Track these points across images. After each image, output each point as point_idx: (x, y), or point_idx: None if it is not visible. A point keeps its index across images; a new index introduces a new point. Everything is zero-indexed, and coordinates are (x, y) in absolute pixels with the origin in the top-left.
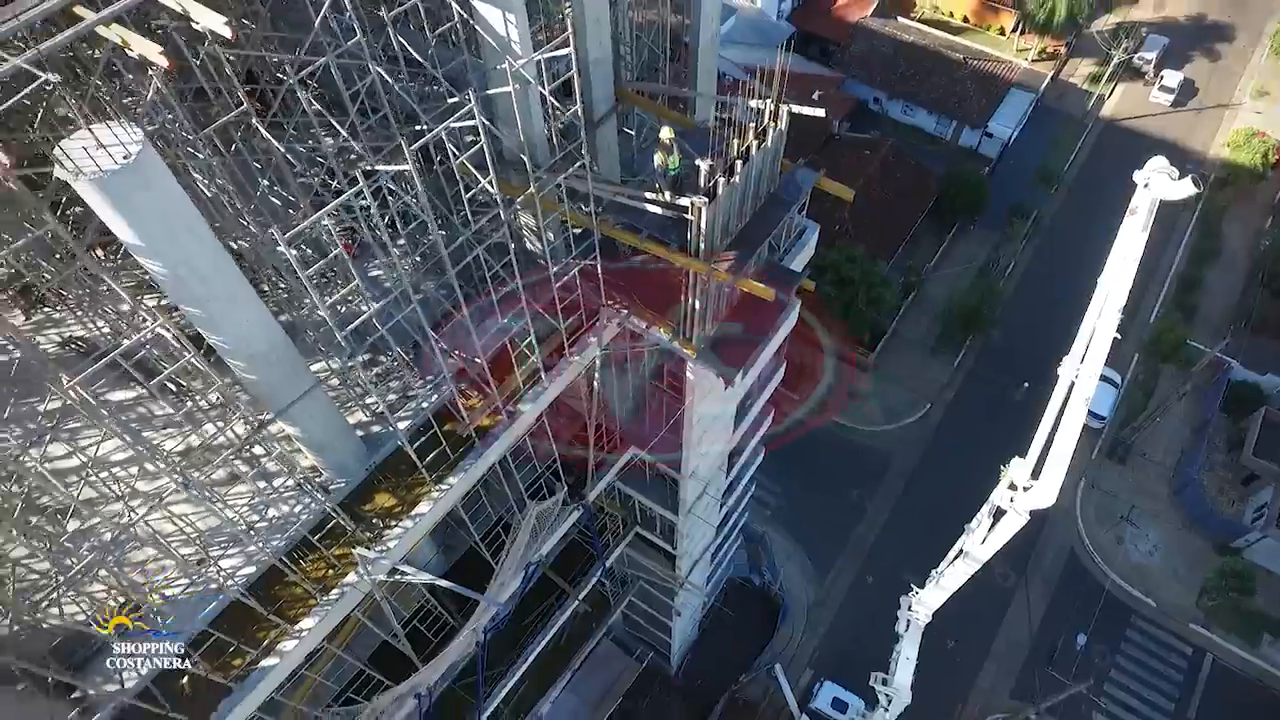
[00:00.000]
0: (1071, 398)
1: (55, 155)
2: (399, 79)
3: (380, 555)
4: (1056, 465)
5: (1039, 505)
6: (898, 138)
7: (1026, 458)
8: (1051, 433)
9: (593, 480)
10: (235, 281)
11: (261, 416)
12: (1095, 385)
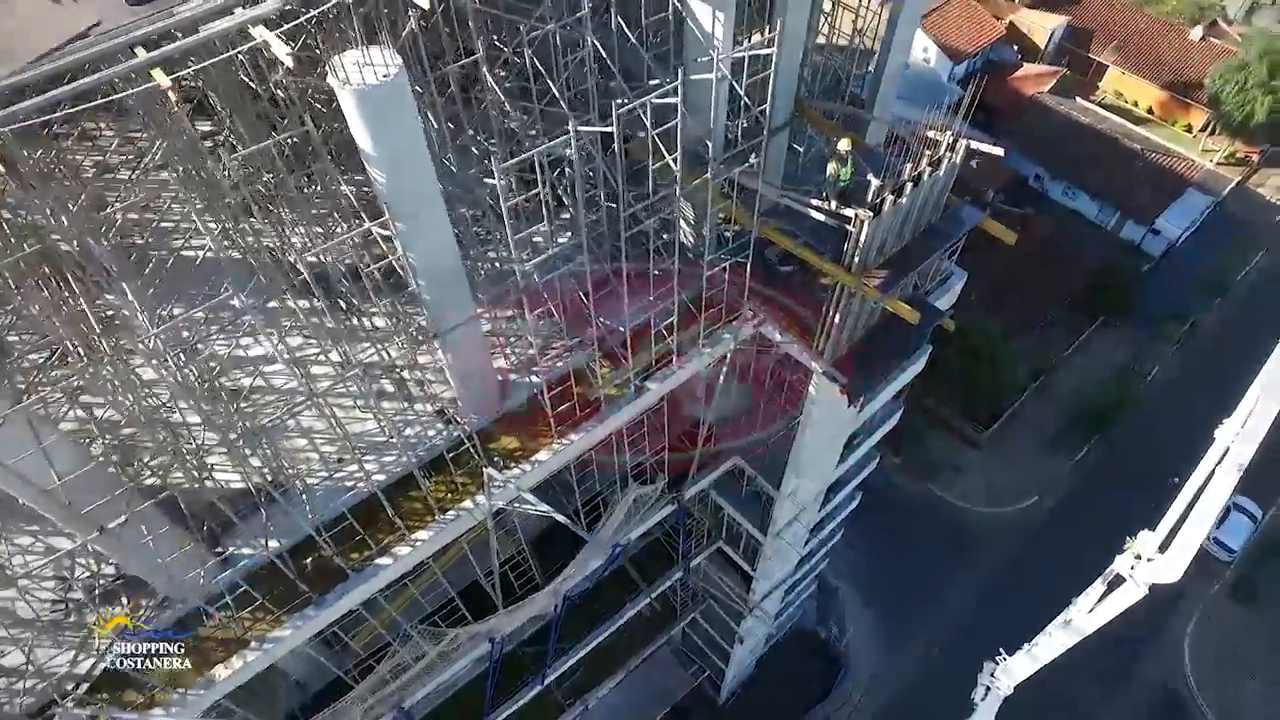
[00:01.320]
0: (1222, 465)
1: (331, 65)
2: (601, 59)
3: (507, 481)
4: (1190, 538)
5: (1163, 579)
6: (1054, 218)
7: (1157, 531)
8: (1189, 506)
9: (692, 479)
10: (438, 205)
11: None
12: (1249, 455)
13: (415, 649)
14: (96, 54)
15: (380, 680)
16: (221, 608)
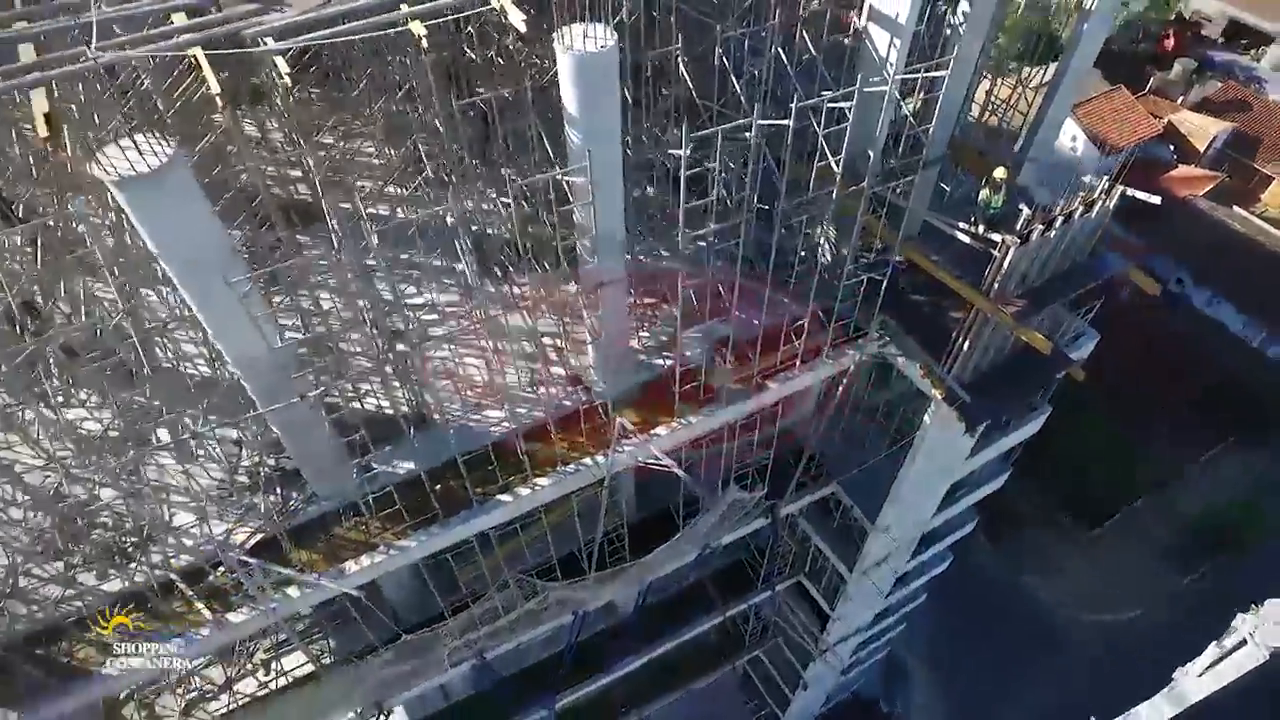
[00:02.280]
0: None
1: (559, 32)
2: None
3: (633, 446)
4: None
5: None
6: (1192, 326)
7: None
8: None
9: (790, 495)
10: (618, 173)
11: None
12: None
13: (510, 598)
14: (360, 8)
15: (471, 621)
16: (356, 513)
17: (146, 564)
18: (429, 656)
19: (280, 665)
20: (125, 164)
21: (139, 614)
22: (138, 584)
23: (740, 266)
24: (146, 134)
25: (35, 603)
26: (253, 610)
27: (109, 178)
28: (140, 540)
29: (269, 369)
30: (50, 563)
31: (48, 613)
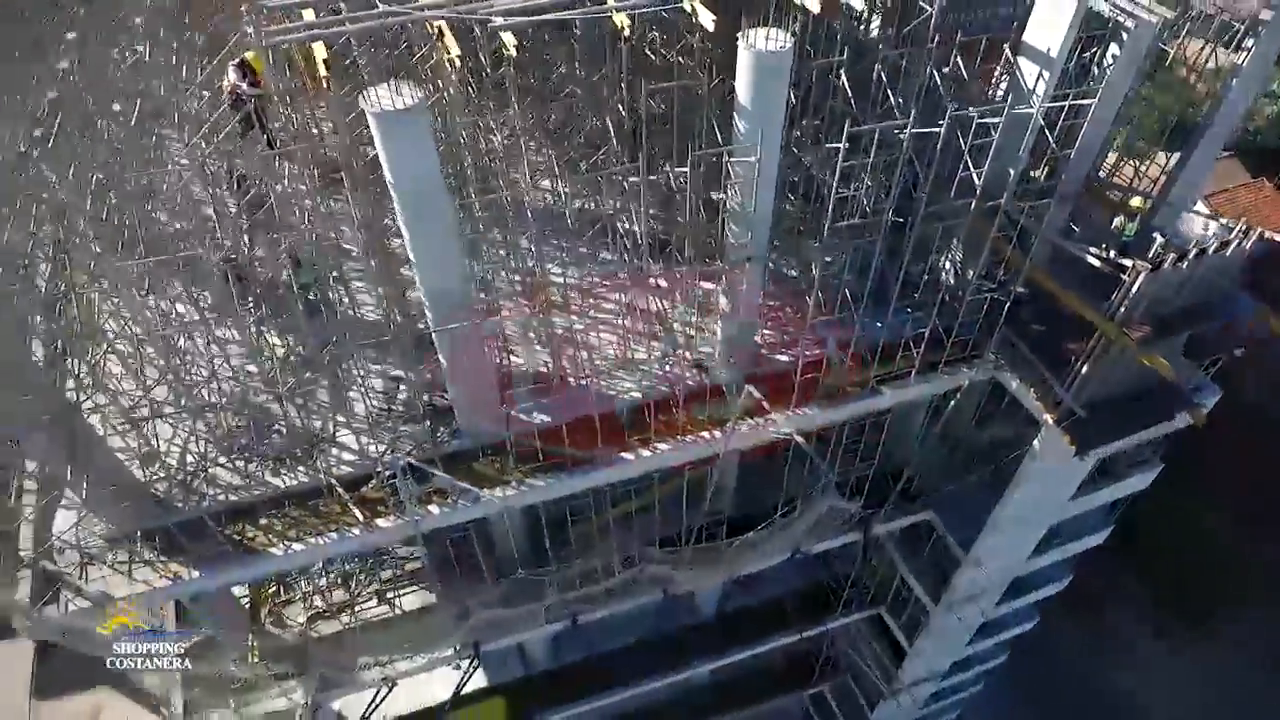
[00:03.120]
0: None
1: (743, 32)
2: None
3: (746, 427)
4: None
5: None
6: None
7: None
8: None
9: (884, 515)
10: (775, 164)
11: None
12: None
13: (608, 553)
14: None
15: (571, 580)
16: (494, 453)
17: (312, 468)
18: (530, 607)
19: (393, 601)
20: (386, 102)
21: (297, 512)
22: (303, 484)
23: (869, 276)
24: (399, 82)
25: (221, 488)
26: (398, 520)
27: (372, 110)
28: (308, 449)
29: (457, 302)
30: (236, 457)
31: (230, 497)
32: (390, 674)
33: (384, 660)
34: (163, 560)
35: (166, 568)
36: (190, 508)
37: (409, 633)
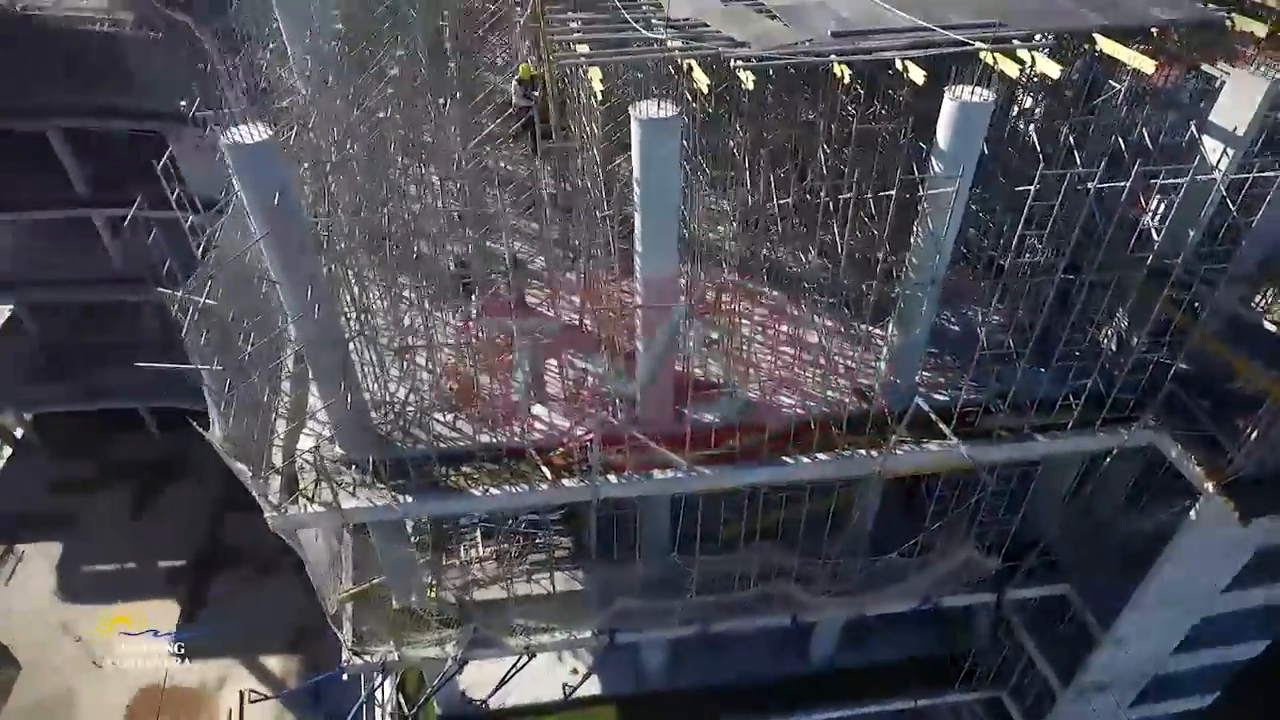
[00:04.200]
0: None
1: (950, 88)
2: None
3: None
4: None
5: None
6: None
7: None
8: None
9: (1019, 581)
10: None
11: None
12: None
13: (747, 563)
14: (805, 51)
15: (709, 582)
16: None
17: (509, 432)
18: (667, 603)
19: (539, 581)
20: (649, 113)
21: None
22: (501, 444)
23: (1031, 327)
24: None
25: (434, 436)
26: (580, 483)
27: (638, 117)
28: (509, 414)
29: (669, 292)
30: (447, 414)
31: (439, 445)
32: (533, 644)
33: (531, 627)
34: (380, 485)
35: (383, 491)
36: (406, 448)
37: (554, 609)
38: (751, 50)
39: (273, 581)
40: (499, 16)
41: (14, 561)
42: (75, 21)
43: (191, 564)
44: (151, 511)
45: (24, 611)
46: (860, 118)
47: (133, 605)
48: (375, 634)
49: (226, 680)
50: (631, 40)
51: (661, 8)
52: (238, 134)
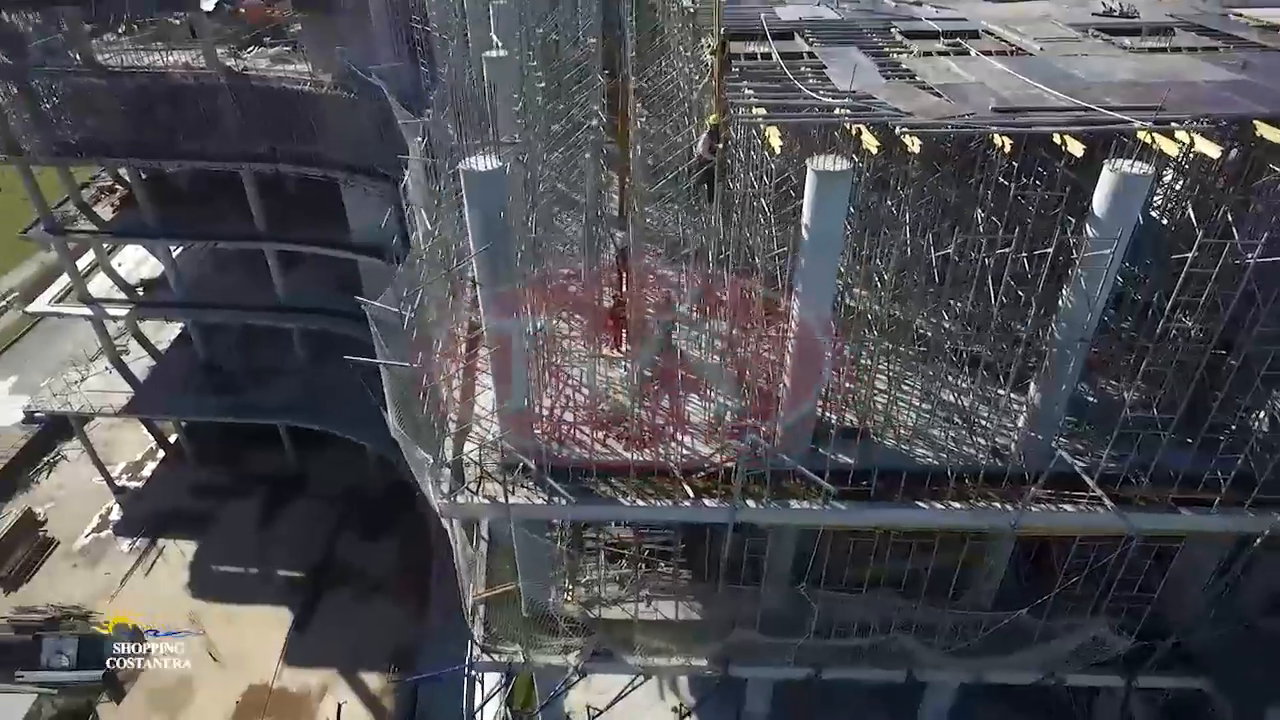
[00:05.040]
0: None
1: (1110, 162)
2: None
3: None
4: None
5: None
6: None
7: None
8: None
9: (1153, 664)
10: None
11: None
12: None
13: (869, 609)
14: (970, 122)
15: (829, 623)
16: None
17: (655, 452)
18: (784, 641)
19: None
20: (827, 165)
21: (639, 481)
22: (649, 462)
23: (1179, 400)
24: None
25: (584, 449)
26: (719, 504)
27: (816, 167)
28: (657, 438)
29: (820, 336)
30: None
31: (588, 457)
32: (650, 665)
33: (651, 647)
34: (533, 487)
35: (536, 493)
36: (563, 457)
37: (674, 634)
38: (917, 119)
39: (378, 602)
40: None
41: (156, 554)
42: (284, 81)
43: (307, 576)
44: (276, 522)
45: (159, 600)
46: (1017, 187)
47: (250, 608)
48: (505, 634)
49: (327, 690)
50: (803, 106)
51: (829, 80)
52: (474, 163)
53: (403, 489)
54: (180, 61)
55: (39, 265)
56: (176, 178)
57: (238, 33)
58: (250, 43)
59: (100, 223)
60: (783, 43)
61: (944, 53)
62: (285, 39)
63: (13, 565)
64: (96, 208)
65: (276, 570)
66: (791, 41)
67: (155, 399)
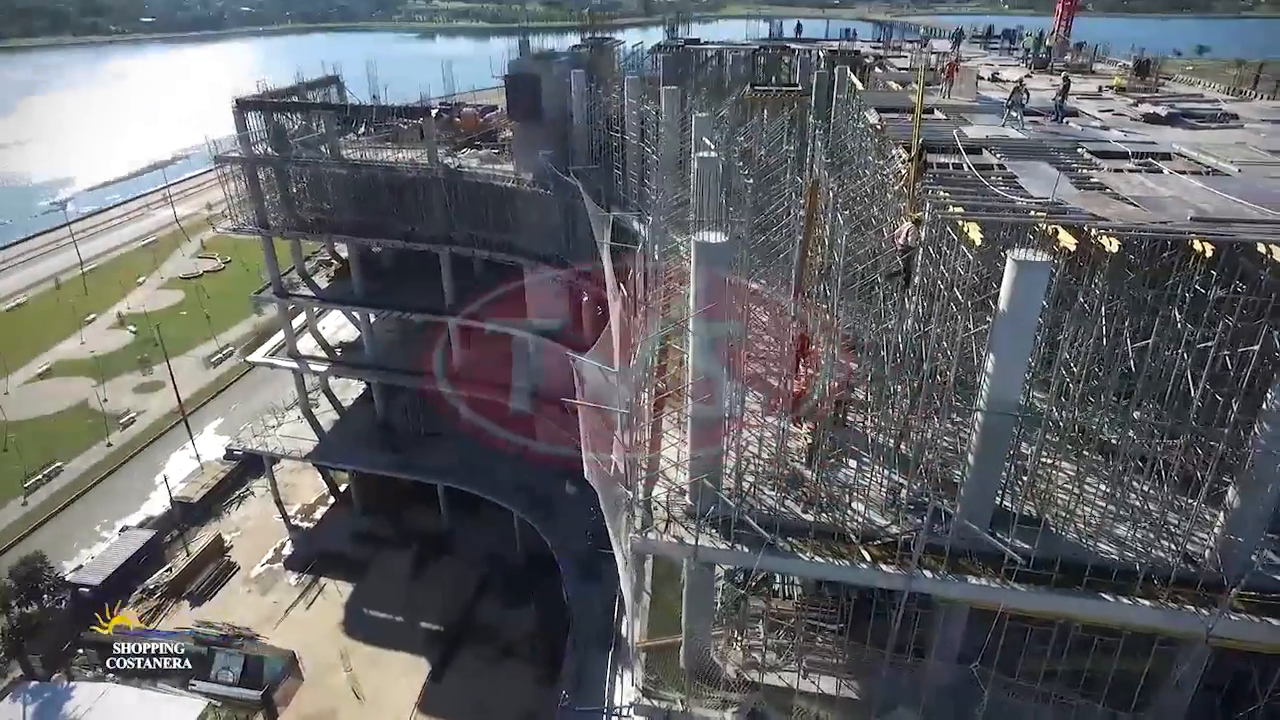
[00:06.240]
0: None
1: None
2: None
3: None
4: None
5: None
6: None
7: None
8: None
9: None
10: None
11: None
12: None
13: (1032, 701)
14: (1172, 228)
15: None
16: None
17: (833, 516)
18: None
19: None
20: (1026, 255)
21: (816, 541)
22: (825, 525)
23: None
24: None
25: (764, 508)
26: (894, 571)
27: (1016, 257)
28: (830, 504)
29: (1007, 422)
30: (780, 491)
31: (768, 513)
32: None
33: (809, 714)
34: (716, 534)
35: (720, 539)
36: (739, 512)
37: (833, 706)
38: (1115, 223)
39: (510, 664)
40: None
41: (317, 590)
42: (489, 177)
43: (446, 630)
44: (424, 576)
45: (316, 633)
46: (1216, 292)
47: (394, 652)
48: (666, 682)
49: None
50: (999, 207)
51: (1021, 188)
52: (705, 236)
53: (542, 560)
54: (407, 158)
55: (251, 326)
56: (381, 255)
57: (454, 137)
58: (465, 145)
59: (317, 290)
60: (973, 156)
61: (1135, 170)
62: (495, 143)
63: (200, 583)
64: (315, 277)
65: (420, 621)
66: (980, 155)
67: (335, 449)
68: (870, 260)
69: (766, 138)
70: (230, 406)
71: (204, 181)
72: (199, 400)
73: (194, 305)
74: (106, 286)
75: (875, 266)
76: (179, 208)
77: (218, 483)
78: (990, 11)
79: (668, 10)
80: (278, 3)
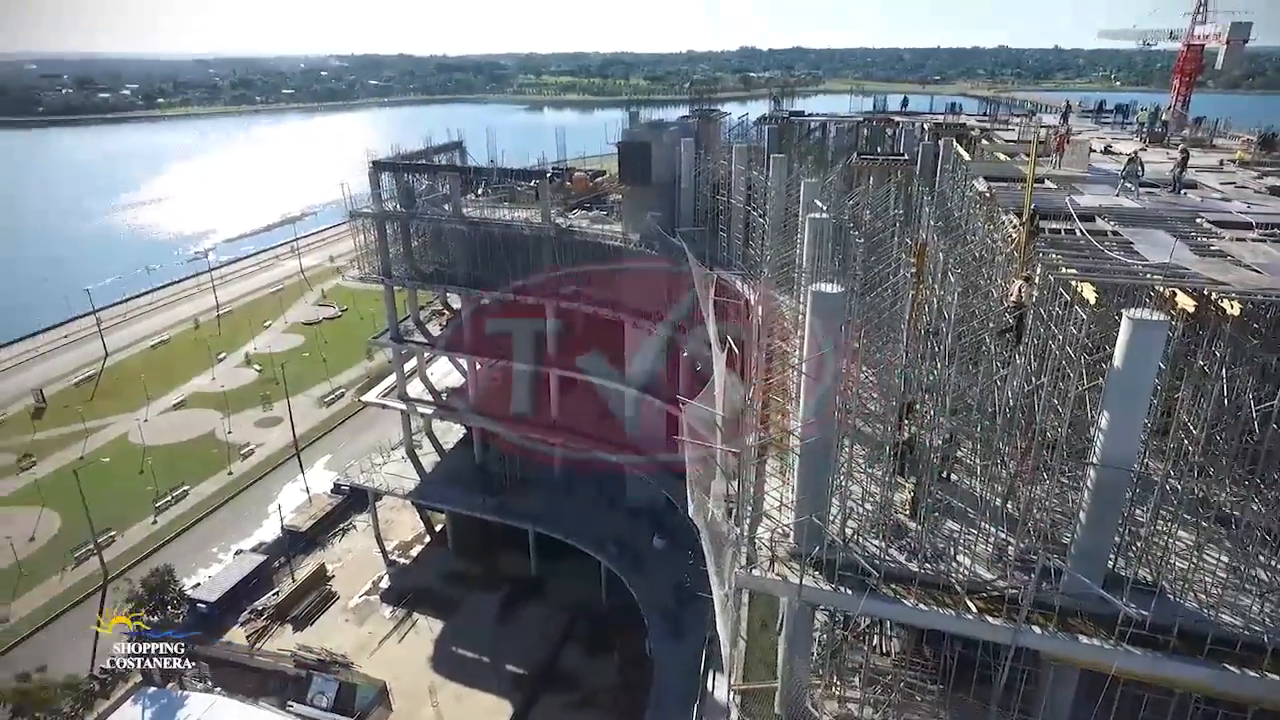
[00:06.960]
0: None
1: None
2: None
3: None
4: None
5: None
6: None
7: None
8: None
9: None
10: None
11: None
12: None
13: None
14: None
15: None
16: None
17: (936, 568)
18: None
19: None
20: (1139, 314)
21: (920, 590)
22: (929, 575)
23: None
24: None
25: (865, 554)
26: (1000, 624)
27: (1133, 317)
28: (934, 555)
29: (1121, 481)
30: (883, 540)
31: (870, 559)
32: None
33: None
34: (816, 575)
35: (819, 579)
36: (844, 551)
37: None
38: (1236, 287)
39: (590, 713)
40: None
41: (409, 625)
42: (598, 236)
43: (530, 675)
44: (511, 619)
45: (406, 667)
46: None
47: (478, 692)
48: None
49: None
50: (1114, 270)
51: (1137, 254)
52: (820, 286)
53: (627, 611)
54: (522, 217)
55: (363, 369)
56: (489, 306)
57: (566, 198)
58: (576, 206)
59: (429, 336)
60: (1086, 223)
61: (1260, 240)
62: (604, 205)
63: (303, 609)
64: (429, 325)
65: (505, 664)
66: (1093, 222)
67: (434, 489)
68: (978, 319)
69: (873, 202)
70: (338, 444)
71: (327, 236)
72: (311, 436)
73: (313, 348)
74: (237, 328)
75: (984, 325)
76: (305, 259)
77: (324, 515)
78: (1101, 88)
79: (767, 85)
80: (403, 76)
